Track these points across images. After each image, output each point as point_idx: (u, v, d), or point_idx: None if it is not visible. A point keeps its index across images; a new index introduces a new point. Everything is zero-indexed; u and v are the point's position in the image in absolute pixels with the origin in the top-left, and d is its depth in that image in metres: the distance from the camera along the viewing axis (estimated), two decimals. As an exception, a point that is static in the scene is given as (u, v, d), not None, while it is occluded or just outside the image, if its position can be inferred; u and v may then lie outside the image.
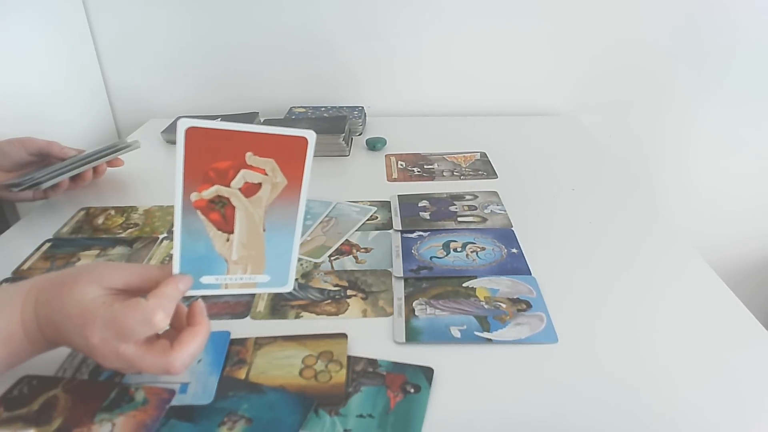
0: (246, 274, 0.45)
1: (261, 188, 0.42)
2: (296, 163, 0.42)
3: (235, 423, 0.43)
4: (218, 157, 0.40)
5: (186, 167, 0.40)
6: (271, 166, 0.42)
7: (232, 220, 0.43)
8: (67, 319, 0.41)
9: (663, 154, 1.21)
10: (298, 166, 0.42)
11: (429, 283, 0.60)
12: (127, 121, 1.17)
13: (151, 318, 0.40)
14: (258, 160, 0.42)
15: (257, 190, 0.42)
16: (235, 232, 0.43)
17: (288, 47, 1.10)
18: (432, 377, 0.47)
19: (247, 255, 0.44)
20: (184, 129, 0.38)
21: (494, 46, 1.10)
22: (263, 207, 0.43)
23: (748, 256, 1.34)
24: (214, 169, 0.41)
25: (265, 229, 0.44)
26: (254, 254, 0.44)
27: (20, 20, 0.90)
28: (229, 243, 0.43)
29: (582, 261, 0.64)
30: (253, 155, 0.41)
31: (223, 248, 0.43)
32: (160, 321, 0.40)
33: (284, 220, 0.44)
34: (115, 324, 0.40)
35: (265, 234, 0.44)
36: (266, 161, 0.42)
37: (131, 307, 0.40)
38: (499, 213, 0.74)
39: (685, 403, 0.46)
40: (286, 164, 0.42)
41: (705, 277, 0.61)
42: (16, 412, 0.44)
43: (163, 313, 0.40)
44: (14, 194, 0.72)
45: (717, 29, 1.08)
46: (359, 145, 0.99)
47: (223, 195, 0.42)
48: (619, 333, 0.53)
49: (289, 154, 0.42)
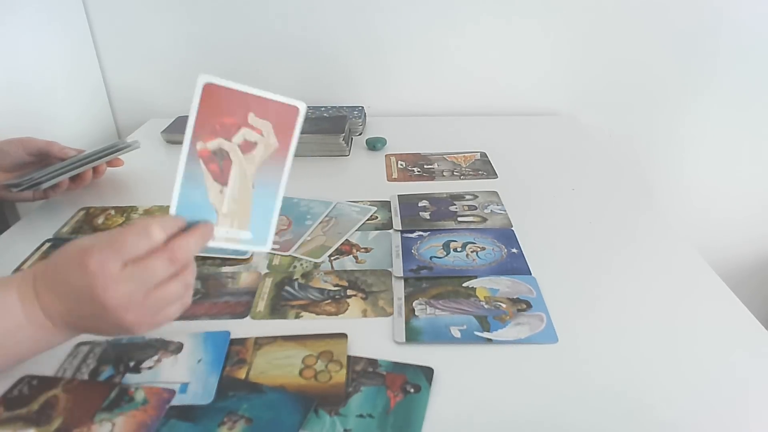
0: (232, 228, 0.47)
1: (256, 147, 0.46)
2: (288, 129, 0.47)
3: (235, 423, 0.43)
4: (225, 114, 0.45)
5: (197, 118, 0.44)
6: (267, 128, 0.46)
7: (228, 173, 0.46)
8: (66, 263, 0.41)
9: (663, 155, 1.21)
10: (288, 133, 0.47)
11: (429, 283, 0.60)
12: (127, 121, 1.17)
13: (148, 228, 0.41)
14: (258, 121, 0.46)
15: (253, 148, 0.46)
16: (229, 185, 0.46)
17: (288, 47, 1.10)
18: (432, 377, 0.47)
19: (236, 209, 0.47)
20: (203, 84, 0.43)
21: (494, 46, 1.10)
22: (255, 165, 0.47)
23: (748, 257, 1.34)
24: (221, 123, 0.45)
25: (254, 187, 0.47)
26: (242, 209, 0.47)
27: (20, 20, 0.90)
28: (221, 194, 0.46)
29: (582, 261, 0.64)
30: (255, 116, 0.45)
31: (216, 198, 0.46)
32: (156, 233, 0.41)
33: (271, 181, 0.47)
34: (112, 240, 0.40)
35: (253, 191, 0.47)
36: (264, 123, 0.46)
37: (128, 225, 0.42)
38: (499, 213, 0.74)
39: (685, 403, 0.46)
40: (279, 129, 0.47)
41: (705, 277, 0.61)
42: (16, 412, 0.44)
43: (159, 227, 0.41)
44: (14, 194, 0.72)
45: (718, 29, 1.08)
46: (359, 145, 0.99)
47: (224, 148, 0.45)
48: (619, 333, 0.53)
49: (283, 120, 0.46)
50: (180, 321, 0.54)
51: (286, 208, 0.75)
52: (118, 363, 0.49)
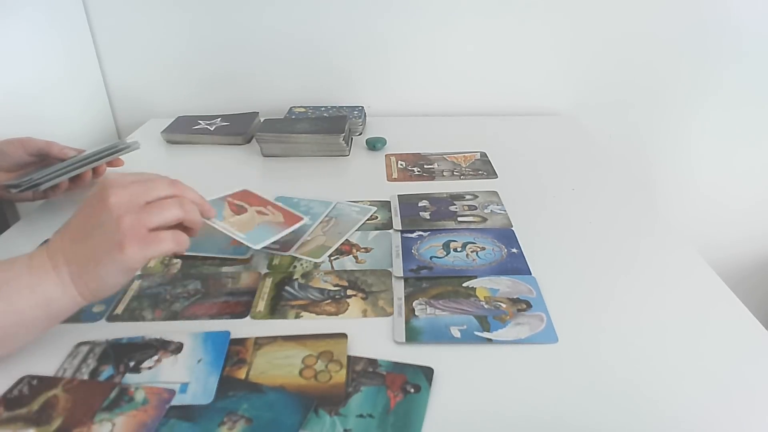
0: (232, 228, 0.59)
1: (267, 216, 0.64)
2: (292, 222, 0.64)
3: (235, 423, 0.43)
4: (251, 200, 0.65)
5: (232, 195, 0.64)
6: (278, 215, 0.65)
7: (242, 212, 0.63)
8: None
9: (663, 154, 1.21)
10: (294, 222, 0.64)
11: (429, 283, 0.60)
12: (127, 120, 1.17)
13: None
14: (272, 209, 0.65)
15: (265, 215, 0.64)
16: (240, 216, 0.62)
17: (288, 47, 1.10)
18: (432, 377, 0.47)
19: (239, 223, 0.61)
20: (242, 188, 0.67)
21: (494, 46, 1.10)
22: (263, 221, 0.63)
23: (748, 256, 1.34)
24: (248, 201, 0.65)
25: (258, 225, 0.62)
26: (245, 226, 0.60)
27: (20, 20, 0.90)
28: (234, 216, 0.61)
29: (582, 261, 0.64)
30: (271, 207, 0.65)
31: (227, 215, 0.61)
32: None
33: (274, 228, 0.62)
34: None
35: (255, 226, 0.61)
36: (276, 213, 0.65)
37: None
38: (499, 213, 0.74)
39: (685, 403, 0.46)
40: (286, 220, 0.64)
41: (705, 277, 0.61)
42: (16, 412, 0.44)
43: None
44: (14, 195, 0.72)
45: (719, 28, 1.08)
46: (359, 145, 0.99)
47: (244, 205, 0.64)
48: (619, 333, 0.53)
49: (289, 216, 0.65)
50: (180, 321, 0.55)
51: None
52: (118, 363, 0.49)
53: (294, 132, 0.94)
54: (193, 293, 0.59)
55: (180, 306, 0.57)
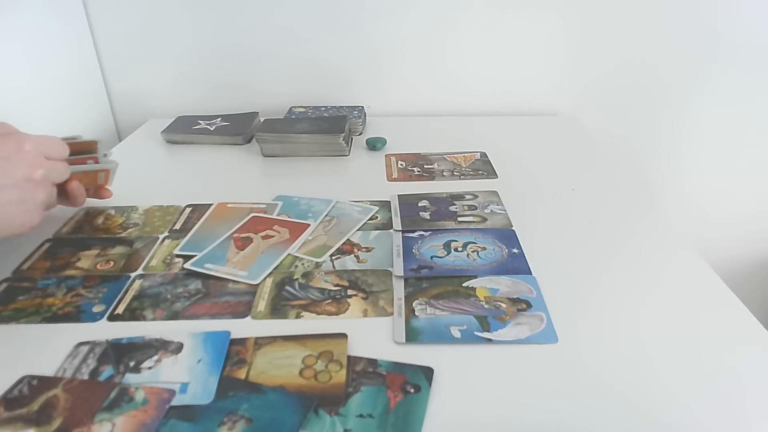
0: (234, 269, 0.61)
1: (273, 237, 0.67)
2: (298, 232, 0.68)
3: (235, 423, 0.43)
4: (259, 226, 0.70)
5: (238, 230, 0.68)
6: (284, 232, 0.68)
7: (247, 245, 0.66)
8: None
9: (663, 155, 1.21)
10: (300, 233, 0.68)
11: (429, 283, 0.60)
12: (127, 120, 1.17)
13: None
14: (279, 229, 0.69)
15: (270, 237, 0.67)
16: (244, 251, 0.65)
17: (288, 47, 1.10)
18: (432, 377, 0.47)
19: (242, 261, 0.63)
20: (251, 215, 0.72)
21: (495, 47, 1.10)
22: (269, 245, 0.66)
23: (748, 257, 1.34)
24: (255, 228, 0.69)
25: (262, 253, 0.64)
26: (247, 262, 0.63)
27: (20, 20, 0.90)
28: (237, 254, 0.64)
29: (582, 261, 0.64)
30: (278, 226, 0.69)
31: (232, 255, 0.64)
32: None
33: (276, 251, 0.64)
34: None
35: (258, 257, 0.63)
36: (284, 230, 0.69)
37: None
38: (499, 213, 0.74)
39: (685, 403, 0.45)
40: (292, 233, 0.68)
41: (705, 278, 0.61)
42: (16, 412, 0.44)
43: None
44: None
45: (718, 28, 1.08)
46: (359, 145, 0.99)
47: (250, 236, 0.67)
48: (620, 333, 0.53)
49: (295, 228, 0.69)
50: (180, 321, 0.55)
51: (286, 207, 0.75)
52: (118, 363, 0.49)
53: (294, 132, 0.94)
54: (194, 293, 0.59)
55: (181, 306, 0.57)
